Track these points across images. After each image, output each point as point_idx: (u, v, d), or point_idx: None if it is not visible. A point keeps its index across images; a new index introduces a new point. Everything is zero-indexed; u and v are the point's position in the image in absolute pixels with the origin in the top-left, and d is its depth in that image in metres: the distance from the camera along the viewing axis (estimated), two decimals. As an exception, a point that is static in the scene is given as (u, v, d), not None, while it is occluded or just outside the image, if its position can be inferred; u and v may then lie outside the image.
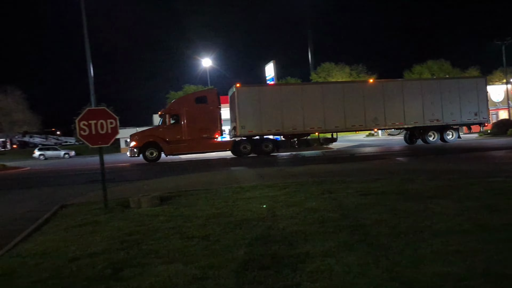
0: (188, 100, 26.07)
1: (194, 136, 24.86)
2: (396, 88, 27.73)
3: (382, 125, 27.75)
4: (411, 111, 27.33)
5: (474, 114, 28.18)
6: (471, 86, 28.60)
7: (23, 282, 4.17)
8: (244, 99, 25.08)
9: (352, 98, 26.66)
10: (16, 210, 9.99)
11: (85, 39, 35.57)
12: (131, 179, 15.44)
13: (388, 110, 26.99)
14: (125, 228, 6.42)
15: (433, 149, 23.28)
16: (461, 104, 27.91)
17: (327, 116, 26.14)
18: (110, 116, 8.63)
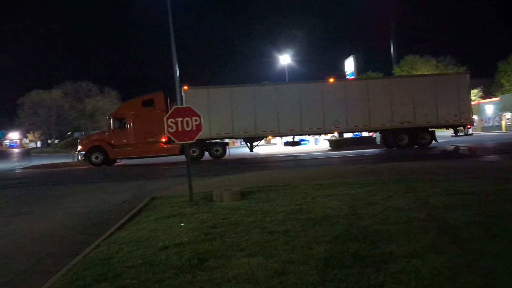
0: (135, 104, 25.31)
1: (140, 140, 24.54)
2: (360, 88, 25.69)
3: (344, 128, 25.50)
4: (378, 113, 25.08)
5: (454, 115, 25.23)
6: (450, 84, 25.49)
7: (119, 267, 4.56)
8: (192, 101, 23.94)
9: (310, 99, 24.94)
10: (112, 200, 10.92)
11: (171, 42, 37.71)
12: (214, 174, 16.06)
13: (351, 112, 24.86)
14: (209, 220, 6.71)
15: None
16: (438, 104, 25.05)
17: (281, 119, 24.91)
18: (194, 114, 9.05)
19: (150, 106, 24.70)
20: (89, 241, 6.55)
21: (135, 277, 4.17)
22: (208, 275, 4.05)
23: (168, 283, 3.90)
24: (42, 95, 73.91)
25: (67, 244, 6.64)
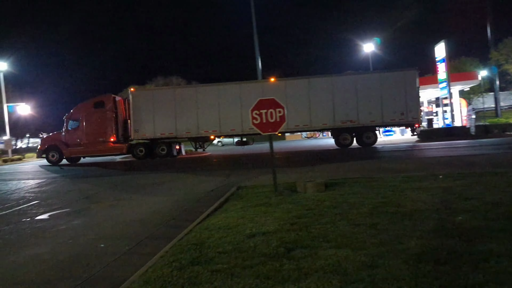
0: (87, 106, 25.83)
1: (91, 140, 25.10)
2: (301, 87, 24.56)
3: (284, 128, 23.74)
4: (319, 112, 24.12)
5: (400, 114, 23.56)
6: (397, 81, 23.75)
7: (211, 252, 4.82)
8: (138, 103, 24.77)
9: (250, 99, 23.82)
10: (201, 189, 11.50)
11: (254, 34, 38.30)
12: (296, 165, 16.12)
13: (292, 111, 22.95)
14: (293, 211, 6.78)
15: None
16: (383, 102, 23.62)
17: (222, 119, 24.68)
18: (278, 106, 9.15)
19: (100, 108, 25.48)
20: (182, 226, 7.00)
21: (226, 262, 4.38)
22: (296, 264, 4.11)
23: (257, 270, 4.04)
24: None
25: (163, 228, 7.16)
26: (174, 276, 4.10)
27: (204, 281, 3.88)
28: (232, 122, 24.82)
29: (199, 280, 3.92)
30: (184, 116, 24.99)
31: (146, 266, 4.65)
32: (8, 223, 8.25)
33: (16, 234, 7.27)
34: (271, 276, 3.84)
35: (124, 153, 25.98)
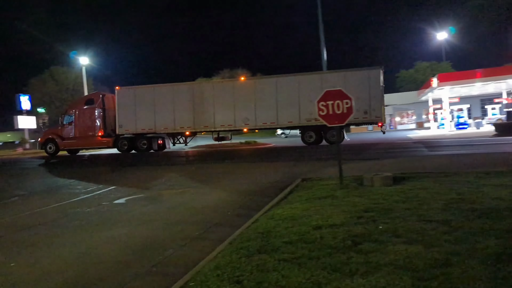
0: (80, 103, 28.19)
1: (82, 134, 27.09)
2: (269, 86, 25.05)
3: (253, 125, 25.32)
4: (286, 110, 24.45)
5: (363, 112, 23.11)
6: (362, 80, 23.43)
7: (277, 241, 4.89)
8: (122, 100, 26.39)
9: (222, 97, 25.28)
10: (266, 179, 11.65)
11: (319, 24, 37.71)
12: (362, 158, 15.75)
13: (260, 110, 24.60)
14: (360, 204, 6.66)
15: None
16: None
17: (196, 116, 25.73)
18: (345, 97, 8.98)
19: (90, 105, 27.37)
20: (248, 215, 7.17)
21: (292, 252, 4.43)
22: (363, 257, 4.06)
23: (324, 262, 4.04)
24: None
25: (229, 216, 7.38)
26: (242, 262, 4.22)
27: (271, 269, 3.96)
28: (206, 118, 25.90)
29: (266, 268, 4.01)
30: (162, 112, 26.30)
31: (215, 252, 4.84)
32: (90, 206, 8.96)
33: (97, 216, 7.88)
34: (338, 269, 3.83)
35: (110, 147, 27.68)
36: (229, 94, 25.70)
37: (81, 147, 28.22)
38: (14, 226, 7.31)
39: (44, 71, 67.70)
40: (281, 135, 54.92)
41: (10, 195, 11.19)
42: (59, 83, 65.96)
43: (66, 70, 65.45)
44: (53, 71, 67.05)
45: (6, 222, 7.70)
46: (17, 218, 8.04)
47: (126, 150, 27.17)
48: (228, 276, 3.90)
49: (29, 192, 11.71)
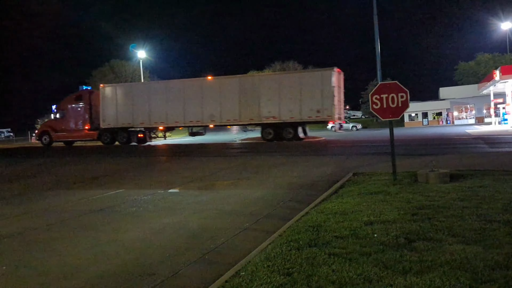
0: (71, 99, 30.80)
1: (72, 127, 30.14)
2: (232, 85, 26.93)
3: (218, 121, 27.30)
4: (247, 108, 26.21)
5: (316, 111, 25.05)
6: (315, 80, 25.19)
7: (327, 235, 4.87)
8: (106, 97, 28.99)
9: (192, 95, 27.20)
10: (316, 173, 11.57)
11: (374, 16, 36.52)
12: (416, 153, 15.19)
13: (224, 107, 26.56)
14: (414, 201, 6.47)
15: None
16: (302, 100, 25.21)
17: (168, 112, 27.66)
18: (401, 90, 8.69)
19: (80, 101, 30.43)
20: (298, 208, 7.19)
21: (343, 247, 4.39)
22: (417, 256, 3.95)
23: (376, 258, 3.98)
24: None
25: (279, 209, 7.43)
26: (292, 255, 4.25)
27: (321, 263, 3.96)
28: (177, 115, 27.75)
29: (316, 261, 4.01)
30: (139, 109, 28.39)
31: (266, 243, 4.91)
32: (145, 194, 9.37)
33: (152, 204, 8.23)
34: (391, 266, 3.75)
35: (95, 139, 30.20)
36: (198, 92, 27.64)
37: (72, 139, 31.11)
38: (76, 211, 7.81)
39: (104, 64, 71.21)
40: (332, 128, 54.19)
41: (74, 181, 11.94)
42: (118, 75, 69.05)
43: (124, 63, 68.43)
44: (113, 64, 70.35)
45: (70, 207, 8.24)
46: (79, 204, 8.58)
47: (109, 142, 29.66)
48: (278, 267, 3.95)
49: (90, 178, 12.42)
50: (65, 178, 12.90)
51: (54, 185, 11.33)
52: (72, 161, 18.31)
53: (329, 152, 18.62)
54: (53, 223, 6.91)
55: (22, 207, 8.39)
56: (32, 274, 4.55)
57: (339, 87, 26.03)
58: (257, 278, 3.73)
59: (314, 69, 27.21)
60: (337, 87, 25.58)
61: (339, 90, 25.97)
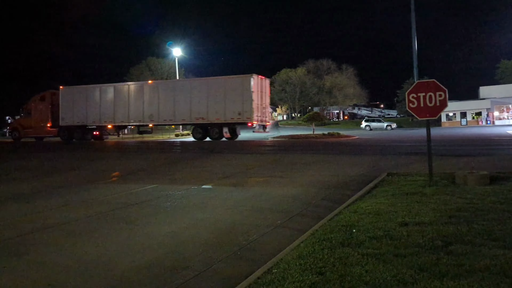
0: (36, 99, 34.47)
1: (37, 125, 33.74)
2: (168, 88, 30.50)
3: (156, 121, 30.27)
4: (180, 109, 29.05)
5: (238, 114, 27.53)
6: (236, 85, 27.82)
7: (361, 236, 4.82)
8: (64, 97, 32.54)
9: (134, 97, 30.65)
10: (349, 172, 11.44)
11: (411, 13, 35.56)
12: (454, 154, 14.73)
13: (162, 108, 29.67)
14: (451, 203, 6.29)
15: None
16: (226, 103, 27.75)
17: (116, 112, 31.11)
18: (439, 89, 8.45)
19: (43, 101, 34.00)
20: (331, 207, 7.14)
21: (377, 247, 4.34)
22: (455, 259, 3.85)
23: (411, 260, 3.90)
24: (289, 73, 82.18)
25: (312, 207, 7.41)
26: (325, 254, 4.24)
27: (354, 263, 3.93)
28: (122, 115, 31.04)
29: (349, 261, 3.98)
30: (91, 109, 31.81)
31: (298, 241, 4.91)
32: (179, 189, 9.56)
33: (186, 199, 8.39)
34: (427, 269, 3.67)
35: (56, 136, 33.89)
36: (140, 94, 30.97)
37: (36, 135, 34.70)
38: (114, 204, 8.07)
39: (141, 62, 72.92)
40: (366, 127, 53.34)
41: (112, 176, 12.33)
42: (154, 73, 70.61)
43: (160, 61, 69.88)
44: (149, 62, 71.98)
45: (108, 200, 8.52)
46: (116, 197, 8.85)
47: (66, 139, 32.84)
48: (310, 266, 3.95)
49: (127, 173, 12.78)
50: (101, 172, 13.34)
51: (92, 179, 11.73)
52: (104, 157, 18.92)
53: (363, 152, 18.34)
54: (91, 215, 7.17)
55: (63, 199, 8.74)
56: (72, 263, 4.75)
57: (260, 92, 28.73)
58: (290, 276, 3.75)
59: (236, 75, 29.25)
60: (258, 92, 28.35)
61: (260, 95, 28.66)
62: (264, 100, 29.45)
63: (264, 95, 29.29)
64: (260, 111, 28.59)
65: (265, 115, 29.70)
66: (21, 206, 8.19)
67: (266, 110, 30.07)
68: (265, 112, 29.74)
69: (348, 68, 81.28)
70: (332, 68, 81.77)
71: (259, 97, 28.29)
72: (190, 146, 25.64)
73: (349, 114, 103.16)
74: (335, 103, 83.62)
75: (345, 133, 37.20)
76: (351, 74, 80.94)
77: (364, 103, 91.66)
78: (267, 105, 30.19)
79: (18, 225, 6.63)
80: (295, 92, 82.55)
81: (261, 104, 28.72)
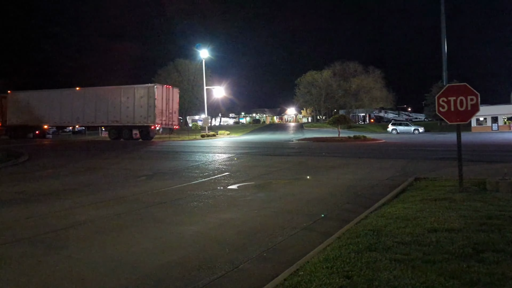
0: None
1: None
2: (91, 94, 35.44)
3: (82, 123, 36.53)
4: (100, 113, 34.62)
5: (144, 118, 33.03)
6: (143, 93, 33.21)
7: (388, 241, 4.76)
8: (11, 100, 38.62)
9: (66, 101, 36.14)
10: (376, 176, 11.31)
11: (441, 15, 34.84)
12: (485, 160, 14.34)
13: (87, 112, 35.11)
14: (482, 210, 6.13)
15: None
16: (135, 108, 33.46)
17: (50, 114, 36.64)
18: (471, 93, 8.26)
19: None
20: (357, 211, 7.08)
21: (406, 253, 4.28)
22: (486, 268, 3.76)
23: (440, 267, 3.84)
24: (315, 75, 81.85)
25: (337, 211, 7.36)
26: (352, 258, 4.22)
27: (382, 268, 3.89)
28: (55, 116, 36.50)
29: (377, 266, 3.95)
30: (32, 111, 37.12)
31: (324, 244, 4.90)
32: (206, 190, 9.67)
33: (213, 200, 8.48)
34: (457, 276, 3.60)
35: (4, 135, 38.80)
36: (70, 99, 36.12)
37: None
38: (142, 202, 8.24)
39: (169, 63, 74.11)
40: (392, 131, 52.47)
41: (140, 175, 12.59)
42: (181, 74, 71.61)
43: (188, 63, 70.80)
44: (177, 63, 73.05)
45: (137, 198, 8.70)
46: (145, 196, 9.04)
47: (13, 137, 37.54)
48: (337, 269, 3.94)
49: (153, 173, 13.02)
50: (132, 171, 13.63)
51: (123, 178, 12.01)
52: (133, 157, 19.30)
53: (390, 156, 18.07)
54: (122, 212, 7.35)
55: (93, 197, 8.98)
56: (103, 260, 4.88)
57: (166, 99, 34.01)
58: (316, 279, 3.75)
59: (143, 84, 34.18)
60: (163, 99, 33.63)
61: (166, 102, 33.95)
62: (171, 106, 34.81)
63: (171, 102, 34.66)
64: (166, 116, 33.99)
65: (172, 119, 35.18)
66: None
67: (174, 115, 35.43)
68: (172, 117, 35.12)
69: (375, 70, 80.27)
70: (359, 71, 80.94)
71: (164, 104, 33.73)
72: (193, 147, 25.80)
73: (375, 117, 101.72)
74: (361, 106, 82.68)
75: (371, 136, 36.74)
76: (378, 76, 79.91)
77: (391, 106, 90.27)
78: (174, 111, 35.44)
79: (51, 220, 6.86)
80: (320, 94, 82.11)
81: (166, 110, 34.02)
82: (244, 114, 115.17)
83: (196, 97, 70.53)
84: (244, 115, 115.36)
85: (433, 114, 61.13)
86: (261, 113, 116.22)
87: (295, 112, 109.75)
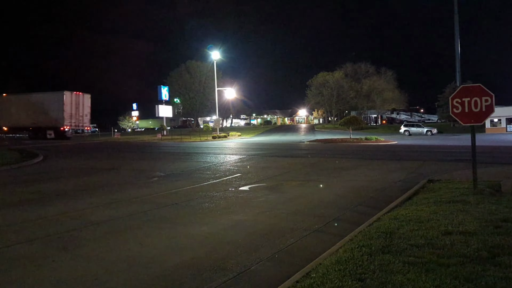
0: None
1: None
2: (16, 100, 43.87)
3: (15, 125, 44.20)
4: (25, 116, 42.36)
5: (55, 120, 40.84)
6: (54, 99, 41.01)
7: (402, 243, 4.72)
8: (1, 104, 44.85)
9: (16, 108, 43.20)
10: (388, 177, 11.22)
11: (454, 16, 34.41)
12: (499, 162, 14.12)
13: (14, 116, 43.03)
14: (498, 212, 6.04)
15: None
16: (49, 112, 41.07)
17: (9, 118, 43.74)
18: (485, 93, 8.14)
19: None
20: (369, 213, 7.03)
21: (419, 256, 4.23)
22: (502, 272, 3.70)
23: (455, 270, 3.79)
24: (326, 76, 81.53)
25: (349, 213, 7.32)
26: (364, 260, 4.19)
27: (396, 271, 3.85)
28: (15, 120, 42.77)
29: (390, 269, 3.91)
30: (12, 114, 43.37)
31: (336, 246, 4.88)
32: (218, 191, 9.69)
33: (224, 201, 8.50)
34: (472, 280, 3.55)
35: None
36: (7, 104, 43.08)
37: None
38: (154, 203, 8.29)
39: (181, 65, 74.59)
40: (405, 132, 51.96)
41: (152, 176, 12.67)
42: (193, 76, 71.99)
43: (200, 64, 71.17)
44: (189, 65, 73.47)
45: (149, 199, 8.76)
46: (157, 197, 9.09)
47: None
48: (350, 272, 3.91)
49: (165, 174, 13.10)
50: (144, 172, 13.73)
51: (135, 179, 12.10)
52: (142, 158, 19.43)
53: (402, 157, 17.90)
54: (134, 213, 7.40)
55: (106, 197, 9.07)
56: (116, 260, 4.93)
57: (76, 104, 41.48)
58: (329, 281, 3.73)
59: (53, 92, 41.39)
60: (72, 104, 41.04)
61: (76, 107, 41.46)
62: (82, 110, 42.05)
63: (81, 106, 41.89)
64: (75, 118, 41.37)
65: (83, 121, 42.62)
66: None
67: (85, 118, 42.62)
68: (83, 119, 42.42)
69: (387, 71, 79.70)
70: (371, 72, 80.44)
71: (73, 108, 41.05)
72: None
73: (387, 118, 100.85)
74: (373, 107, 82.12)
75: (383, 138, 36.45)
76: (390, 78, 79.33)
77: (403, 107, 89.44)
78: (85, 114, 42.58)
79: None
80: (332, 95, 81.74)
81: (76, 113, 41.41)
82: (255, 115, 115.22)
83: (207, 99, 70.88)
84: (255, 117, 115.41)
85: (446, 115, 60.47)
86: (272, 115, 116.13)
87: (306, 114, 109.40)
